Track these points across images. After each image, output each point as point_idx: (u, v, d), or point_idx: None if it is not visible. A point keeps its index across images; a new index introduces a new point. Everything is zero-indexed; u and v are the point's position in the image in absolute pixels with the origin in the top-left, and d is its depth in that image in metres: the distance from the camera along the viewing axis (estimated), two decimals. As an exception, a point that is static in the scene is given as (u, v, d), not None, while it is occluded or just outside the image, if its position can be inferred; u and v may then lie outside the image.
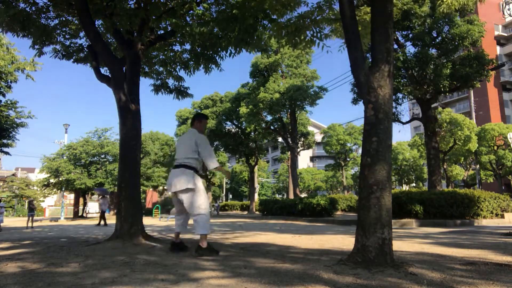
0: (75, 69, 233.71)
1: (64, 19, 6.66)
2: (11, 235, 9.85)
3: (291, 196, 23.33)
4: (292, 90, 21.13)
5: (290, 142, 23.28)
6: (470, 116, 30.02)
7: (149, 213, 31.49)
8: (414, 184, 42.72)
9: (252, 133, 26.84)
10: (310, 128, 27.54)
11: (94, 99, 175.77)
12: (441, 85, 14.20)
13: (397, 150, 40.59)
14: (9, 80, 16.62)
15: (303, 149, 27.64)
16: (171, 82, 8.17)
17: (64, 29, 6.87)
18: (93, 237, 7.50)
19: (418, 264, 3.27)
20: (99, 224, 15.54)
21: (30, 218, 15.54)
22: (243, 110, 22.78)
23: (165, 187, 48.58)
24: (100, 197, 17.61)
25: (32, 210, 16.24)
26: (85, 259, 3.92)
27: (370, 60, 3.67)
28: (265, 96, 21.34)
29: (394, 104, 16.06)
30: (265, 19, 5.80)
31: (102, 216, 15.92)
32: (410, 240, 5.67)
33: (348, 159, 39.78)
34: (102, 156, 32.48)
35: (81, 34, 7.15)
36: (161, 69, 7.90)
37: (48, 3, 6.11)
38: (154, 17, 5.79)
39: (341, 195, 25.08)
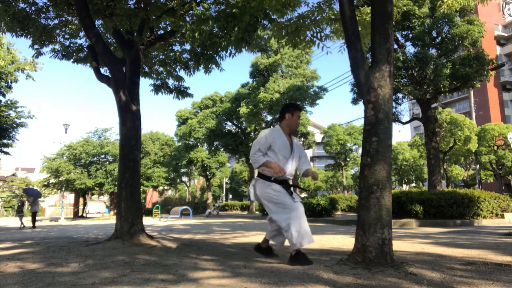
0: (75, 69, 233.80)
1: (64, 19, 6.66)
2: (12, 235, 9.85)
3: (291, 196, 23.28)
4: (292, 90, 21.13)
5: (290, 142, 23.25)
6: (470, 116, 30.01)
7: (149, 213, 31.50)
8: (414, 184, 42.70)
9: (252, 133, 26.83)
10: (310, 128, 27.49)
11: (94, 99, 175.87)
12: (441, 85, 14.19)
13: (397, 150, 40.58)
14: (9, 80, 16.62)
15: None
16: (171, 82, 8.17)
17: (64, 29, 6.87)
18: (93, 237, 7.50)
19: (418, 264, 3.27)
20: (34, 226, 14.84)
21: (21, 218, 15.52)
22: (243, 110, 22.77)
23: (165, 187, 48.59)
24: (31, 198, 17.27)
25: (21, 211, 16.12)
26: (85, 259, 3.92)
27: (370, 60, 3.67)
28: (265, 96, 21.34)
29: (394, 104, 16.05)
30: (265, 19, 5.81)
31: (34, 217, 15.45)
32: (410, 240, 5.67)
33: (348, 159, 39.76)
34: (102, 156, 32.51)
35: (81, 34, 7.15)
36: (161, 69, 7.90)
37: (48, 3, 6.11)
38: (154, 17, 5.79)
39: (341, 195, 25.07)
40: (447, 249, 4.43)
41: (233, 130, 28.40)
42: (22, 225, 15.04)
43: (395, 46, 15.42)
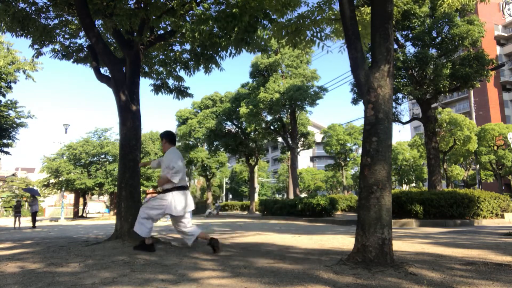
0: (75, 69, 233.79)
1: (64, 19, 6.66)
2: (12, 235, 9.85)
3: (291, 196, 23.32)
4: (292, 90, 21.13)
5: (290, 142, 23.27)
6: (470, 116, 30.00)
7: (149, 213, 31.41)
8: (414, 184, 42.67)
9: (252, 133, 26.82)
10: (310, 128, 27.49)
11: (94, 99, 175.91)
12: (441, 85, 14.19)
13: (397, 150, 40.56)
14: (9, 80, 16.62)
15: (303, 149, 27.62)
16: (171, 82, 8.16)
17: (64, 29, 6.87)
18: (93, 237, 7.50)
19: (418, 264, 3.27)
20: (34, 226, 14.93)
21: (17, 218, 15.48)
22: (243, 110, 22.77)
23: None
24: (30, 198, 17.28)
25: (19, 212, 16.03)
26: (85, 259, 3.92)
27: (370, 60, 3.67)
28: (265, 96, 21.33)
29: (394, 104, 16.04)
30: (265, 19, 5.80)
31: (34, 217, 15.56)
32: (410, 240, 5.67)
33: (348, 159, 39.74)
34: (102, 156, 32.49)
35: (81, 34, 7.15)
36: (161, 69, 7.90)
37: (48, 3, 6.11)
38: (154, 17, 5.79)
39: (341, 195, 25.06)
40: (447, 249, 4.43)
41: (233, 130, 28.39)
42: (18, 225, 15.00)
43: (395, 46, 15.41)
